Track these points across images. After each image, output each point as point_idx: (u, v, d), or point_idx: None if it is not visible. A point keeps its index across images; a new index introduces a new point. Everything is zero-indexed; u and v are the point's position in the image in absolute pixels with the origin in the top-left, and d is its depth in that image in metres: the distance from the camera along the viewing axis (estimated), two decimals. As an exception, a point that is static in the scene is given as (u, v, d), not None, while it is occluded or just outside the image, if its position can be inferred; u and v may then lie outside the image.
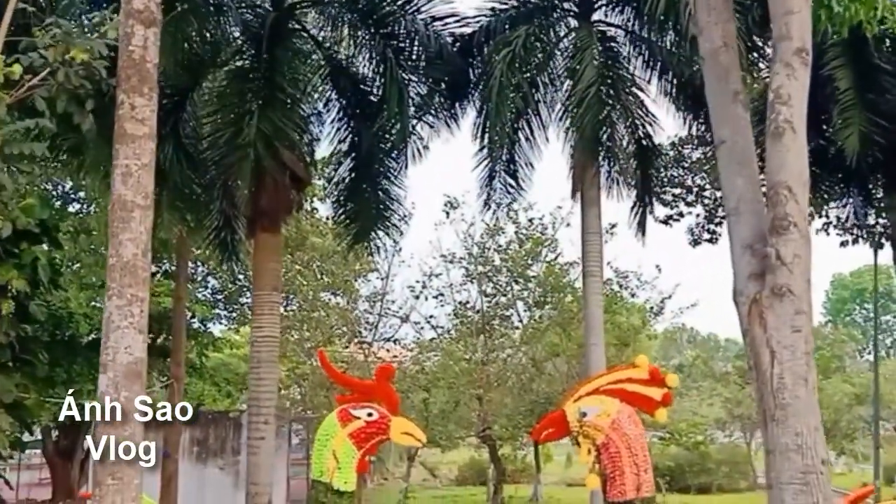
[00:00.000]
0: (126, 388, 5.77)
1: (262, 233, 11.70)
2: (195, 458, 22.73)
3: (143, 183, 5.91)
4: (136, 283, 5.83)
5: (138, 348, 5.84)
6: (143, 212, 5.91)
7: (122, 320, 5.78)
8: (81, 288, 21.30)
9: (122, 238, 5.82)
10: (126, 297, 5.80)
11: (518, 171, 12.77)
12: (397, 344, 20.78)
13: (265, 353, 11.61)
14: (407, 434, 7.91)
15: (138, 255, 5.85)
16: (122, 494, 5.71)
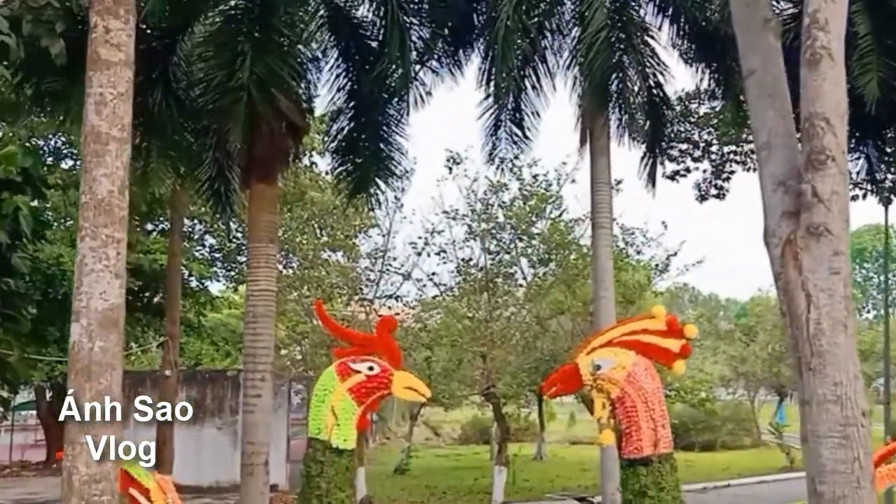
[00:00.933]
0: (101, 336, 5.30)
1: (257, 183, 11.16)
2: (192, 418, 22.41)
3: (118, 113, 5.38)
4: (112, 222, 5.33)
5: (114, 294, 5.35)
6: (119, 145, 5.39)
7: (96, 263, 5.29)
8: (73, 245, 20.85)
9: (96, 174, 5.31)
10: (100, 238, 5.30)
11: (524, 120, 12.18)
12: (399, 301, 20.32)
13: (261, 307, 11.13)
14: (410, 389, 7.46)
15: (114, 193, 5.35)
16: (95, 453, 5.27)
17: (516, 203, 20.41)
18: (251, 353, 11.26)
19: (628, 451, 6.62)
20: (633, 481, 6.61)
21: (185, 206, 17.14)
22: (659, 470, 6.58)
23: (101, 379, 5.31)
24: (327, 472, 7.25)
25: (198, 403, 22.59)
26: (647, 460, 6.56)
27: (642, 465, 6.58)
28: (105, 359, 5.31)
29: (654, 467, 6.58)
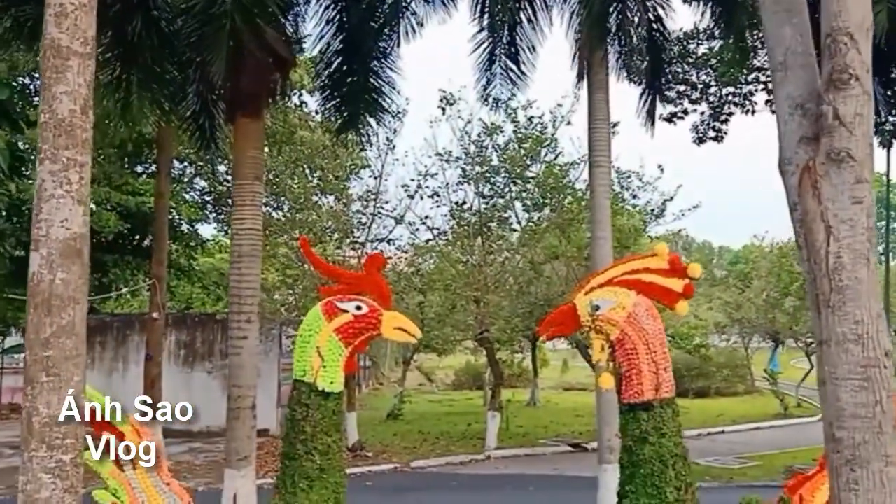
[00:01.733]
0: (63, 268, 4.87)
1: (242, 118, 10.64)
2: (181, 362, 22.27)
3: (80, 26, 4.90)
4: (74, 144, 4.88)
5: (77, 222, 4.91)
6: (82, 60, 4.91)
7: (57, 188, 4.84)
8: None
9: (56, 91, 4.84)
10: (61, 161, 4.85)
11: (520, 55, 11.64)
12: (391, 245, 19.94)
13: (247, 246, 10.71)
14: (400, 329, 7.09)
15: (76, 112, 4.88)
16: (58, 394, 4.89)
17: (511, 146, 19.94)
18: (236, 294, 10.87)
19: (628, 395, 6.30)
20: (633, 427, 6.30)
21: (172, 145, 16.64)
22: (660, 415, 6.27)
23: (62, 314, 4.90)
24: (313, 416, 6.92)
25: (187, 346, 22.43)
26: (648, 405, 6.25)
27: (643, 409, 6.26)
28: (67, 292, 4.90)
29: (656, 412, 6.27)
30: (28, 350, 5.00)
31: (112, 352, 22.95)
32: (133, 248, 25.43)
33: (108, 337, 23.07)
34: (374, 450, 19.61)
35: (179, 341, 22.59)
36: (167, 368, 20.48)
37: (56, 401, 4.95)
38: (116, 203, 21.75)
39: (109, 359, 23.02)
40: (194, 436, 21.00)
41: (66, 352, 4.97)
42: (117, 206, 21.83)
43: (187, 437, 20.50)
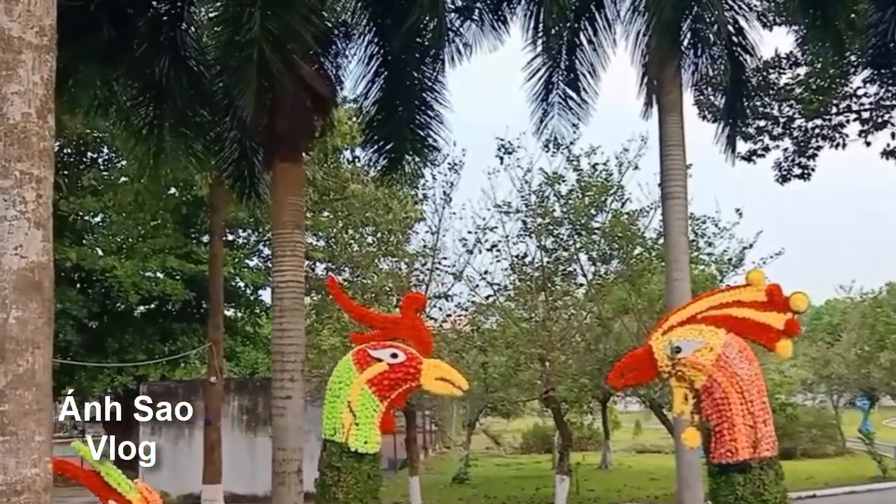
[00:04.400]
0: (18, 304, 3.89)
1: (280, 163, 9.83)
2: (244, 427, 21.42)
3: (35, 12, 4.01)
4: (28, 155, 3.94)
5: (35, 249, 3.95)
6: (38, 54, 4.01)
7: (10, 208, 3.89)
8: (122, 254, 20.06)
9: (7, 91, 3.93)
10: (13, 176, 3.91)
11: (579, 80, 10.54)
12: (450, 301, 18.77)
13: (288, 300, 9.77)
14: (442, 380, 5.95)
15: (31, 116, 3.96)
16: (15, 456, 3.87)
17: (574, 195, 18.72)
18: (279, 352, 9.91)
19: (719, 454, 5.00)
20: (726, 492, 4.98)
21: (225, 207, 16.03)
22: (760, 478, 4.95)
23: (19, 360, 3.92)
24: (345, 481, 5.81)
25: (249, 411, 21.59)
26: (744, 465, 4.94)
27: (738, 471, 4.95)
28: (24, 334, 3.92)
29: (754, 474, 4.96)
30: (-20, 404, 4.03)
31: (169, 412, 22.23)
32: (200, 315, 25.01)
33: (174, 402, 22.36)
34: (440, 516, 18.25)
35: (242, 406, 21.80)
36: (230, 433, 19.65)
37: (14, 465, 3.94)
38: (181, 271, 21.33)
39: (175, 425, 22.32)
40: (259, 501, 20.04)
41: (25, 406, 3.98)
42: (182, 274, 21.41)
43: (252, 502, 19.56)
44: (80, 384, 21.03)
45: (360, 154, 18.12)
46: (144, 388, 22.41)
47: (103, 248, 20.51)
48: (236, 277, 23.49)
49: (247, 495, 19.29)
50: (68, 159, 19.54)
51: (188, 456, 20.13)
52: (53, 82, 4.15)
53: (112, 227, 20.31)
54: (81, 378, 20.90)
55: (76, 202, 17.78)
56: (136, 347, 21.59)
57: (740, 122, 10.84)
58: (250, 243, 24.92)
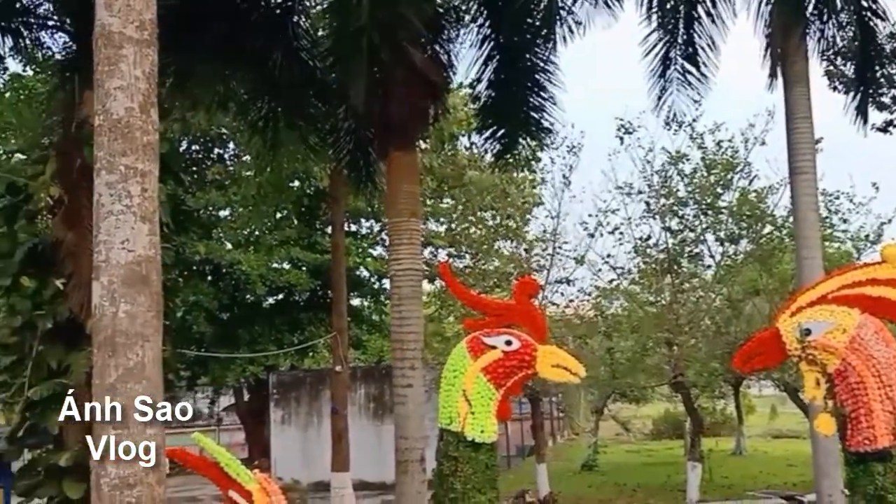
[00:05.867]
0: (127, 298, 3.89)
1: (394, 151, 9.69)
2: (371, 415, 21.68)
3: (135, 6, 3.99)
4: (133, 149, 3.93)
5: (142, 242, 3.93)
6: (139, 49, 3.98)
7: (116, 202, 3.89)
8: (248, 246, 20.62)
9: (109, 87, 3.93)
10: (118, 171, 3.90)
11: (698, 54, 9.94)
12: (572, 286, 18.35)
13: (406, 288, 9.66)
14: (559, 367, 5.66)
15: (134, 111, 3.94)
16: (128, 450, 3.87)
17: (698, 174, 17.90)
18: (398, 340, 9.82)
19: (856, 442, 4.56)
20: (864, 482, 4.54)
21: (344, 197, 16.20)
22: (902, 467, 4.49)
23: (129, 353, 3.91)
24: (463, 471, 5.61)
25: (376, 399, 21.84)
26: (883, 454, 4.51)
27: (877, 460, 4.53)
28: (134, 327, 3.91)
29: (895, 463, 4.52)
30: (94, 399, 4.05)
31: (306, 406, 22.83)
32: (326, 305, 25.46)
33: (302, 392, 23.02)
34: (568, 502, 17.95)
35: (368, 394, 22.09)
36: (357, 421, 19.94)
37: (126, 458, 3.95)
38: (306, 262, 21.75)
39: (304, 413, 22.93)
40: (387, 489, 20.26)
41: (136, 400, 3.97)
42: (307, 264, 21.82)
43: (381, 490, 19.82)
44: (214, 375, 21.76)
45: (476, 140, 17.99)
46: (274, 377, 23.07)
47: (231, 242, 21.12)
48: (360, 267, 23.75)
49: (375, 482, 19.53)
50: (195, 156, 20.20)
51: (317, 444, 20.61)
52: (156, 77, 4.12)
53: (238, 221, 20.87)
54: (214, 369, 21.65)
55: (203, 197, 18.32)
56: (265, 338, 22.12)
57: (873, 91, 9.94)
58: (372, 233, 25.17)
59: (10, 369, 8.90)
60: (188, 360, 19.40)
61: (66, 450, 8.35)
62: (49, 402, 8.40)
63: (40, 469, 8.61)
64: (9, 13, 8.69)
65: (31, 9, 9.05)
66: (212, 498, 18.23)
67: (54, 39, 9.72)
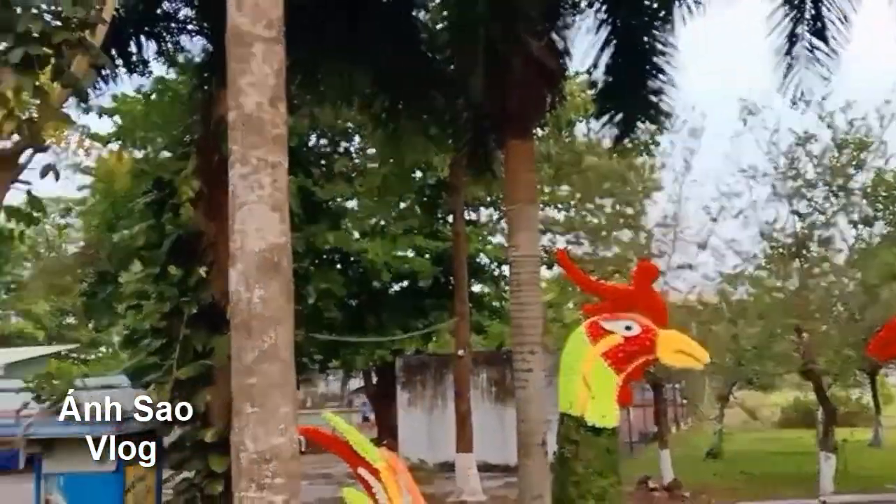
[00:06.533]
0: (261, 284, 4.03)
1: (511, 140, 9.65)
2: (494, 399, 21.77)
3: (262, 6, 4.13)
4: (264, 142, 4.06)
5: (274, 231, 4.06)
6: (267, 46, 4.11)
7: (249, 193, 4.04)
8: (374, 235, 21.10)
9: (242, 84, 4.07)
10: (251, 163, 4.05)
11: (827, 29, 9.40)
12: (695, 271, 17.78)
13: (525, 274, 9.62)
14: (681, 353, 5.50)
15: (263, 106, 4.07)
16: (265, 426, 4.03)
17: (828, 154, 16.97)
18: (518, 325, 9.80)
19: None
20: None
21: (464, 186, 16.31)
22: None
23: (263, 336, 4.05)
24: (584, 455, 5.53)
25: (498, 384, 21.91)
26: None
27: None
28: (267, 311, 4.05)
29: None
30: (233, 379, 4.23)
31: (431, 390, 23.17)
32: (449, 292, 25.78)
33: (427, 376, 23.37)
34: (692, 489, 17.46)
35: (490, 378, 22.20)
36: (480, 405, 20.09)
37: (263, 434, 4.08)
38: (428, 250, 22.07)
39: (429, 396, 23.27)
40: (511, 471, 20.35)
41: (271, 379, 4.11)
42: (429, 252, 22.15)
43: (504, 472, 19.91)
44: (344, 358, 22.44)
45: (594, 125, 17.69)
46: (400, 361, 23.51)
47: (357, 231, 21.69)
48: (480, 254, 23.88)
49: (499, 464, 19.60)
50: (323, 150, 20.85)
51: (442, 426, 20.85)
52: (283, 72, 4.24)
53: (364, 211, 21.40)
54: (345, 353, 22.30)
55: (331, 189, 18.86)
56: (392, 323, 22.61)
57: None
58: (492, 221, 25.26)
59: (160, 351, 9.44)
60: (320, 345, 20.09)
61: (211, 426, 8.79)
62: (195, 382, 8.86)
63: (188, 444, 9.07)
64: (151, 19, 9.19)
65: (172, 14, 9.52)
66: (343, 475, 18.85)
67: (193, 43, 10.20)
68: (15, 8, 3.72)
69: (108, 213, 21.06)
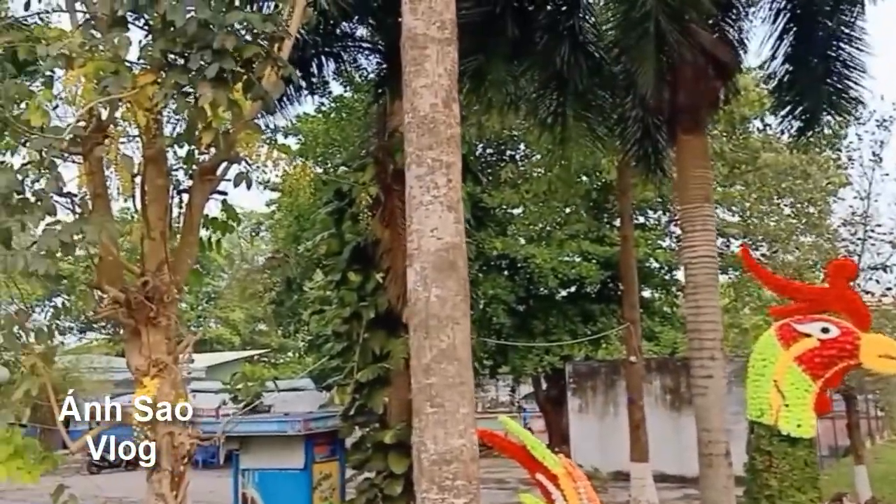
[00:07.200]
0: (437, 283, 4.00)
1: (683, 135, 9.20)
2: (668, 406, 20.91)
3: (436, 8, 4.09)
4: (438, 143, 4.03)
5: (449, 230, 4.02)
6: (441, 47, 4.09)
7: (425, 194, 4.02)
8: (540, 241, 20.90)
9: (416, 86, 4.07)
10: (426, 164, 4.03)
11: None
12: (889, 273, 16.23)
13: (702, 276, 9.12)
14: (888, 357, 4.98)
15: (437, 107, 4.04)
16: (444, 427, 3.96)
17: None
18: (695, 330, 9.29)
19: None
20: None
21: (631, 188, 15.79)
22: None
23: (441, 336, 4.01)
24: (778, 467, 5.14)
25: (672, 391, 21.03)
26: None
27: None
28: (444, 311, 4.01)
29: None
30: (412, 377, 4.22)
31: (602, 396, 22.62)
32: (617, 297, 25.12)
33: (598, 382, 22.84)
34: (894, 509, 15.93)
35: (664, 386, 21.33)
36: (653, 412, 19.31)
37: (443, 435, 4.05)
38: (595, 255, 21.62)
39: (601, 403, 22.72)
40: (688, 482, 19.47)
41: (449, 379, 4.06)
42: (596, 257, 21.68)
43: (681, 483, 19.07)
44: (513, 364, 22.35)
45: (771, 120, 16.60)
46: (570, 367, 23.12)
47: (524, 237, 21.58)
48: (649, 258, 23.13)
49: (674, 475, 18.78)
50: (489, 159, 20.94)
51: (614, 434, 20.24)
52: (456, 73, 4.21)
53: (530, 217, 21.30)
54: (514, 358, 22.21)
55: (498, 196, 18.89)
56: (560, 329, 22.28)
57: None
58: (661, 224, 24.40)
59: (341, 354, 9.74)
60: (490, 350, 20.09)
61: (390, 428, 8.94)
62: (374, 385, 9.05)
63: (369, 445, 9.28)
64: (331, 39, 9.53)
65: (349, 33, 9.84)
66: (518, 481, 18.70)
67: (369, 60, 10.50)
68: (212, 26, 3.89)
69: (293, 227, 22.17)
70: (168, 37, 3.95)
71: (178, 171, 5.16)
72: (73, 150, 4.35)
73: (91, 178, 4.55)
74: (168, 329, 4.95)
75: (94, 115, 4.27)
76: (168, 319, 4.92)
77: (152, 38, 4.16)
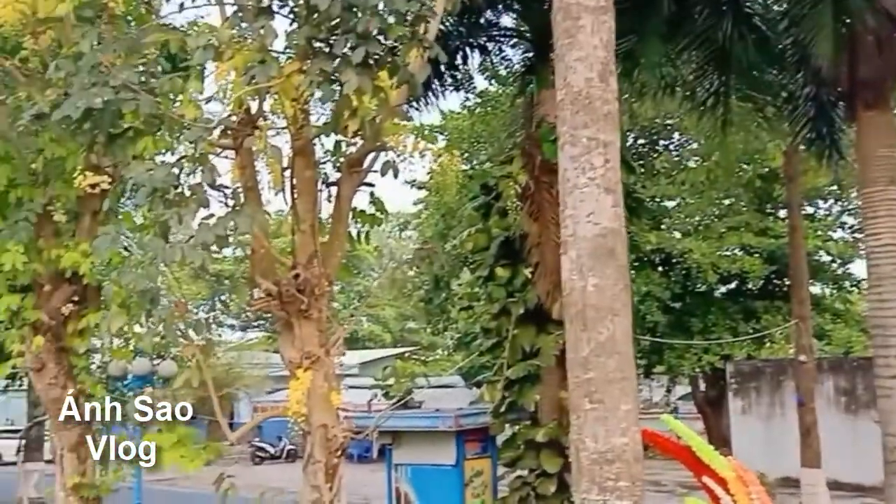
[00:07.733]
0: (595, 271, 3.71)
1: (864, 112, 8.39)
2: (843, 409, 19.46)
3: (590, -26, 3.82)
4: (594, 120, 3.74)
5: (606, 215, 3.72)
6: (595, 17, 3.79)
7: (580, 176, 3.74)
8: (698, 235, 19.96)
9: (569, 60, 3.79)
10: (581, 143, 3.75)
11: None
12: None
13: (886, 266, 8.31)
14: None
15: (593, 81, 3.75)
16: (604, 424, 3.68)
17: None
18: (879, 325, 8.49)
19: None
20: None
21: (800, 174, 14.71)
22: None
23: (599, 328, 3.72)
24: None
25: (847, 393, 19.58)
26: None
27: None
28: (602, 301, 3.72)
29: None
30: (569, 372, 3.96)
31: (767, 398, 21.41)
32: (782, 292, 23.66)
33: (763, 382, 21.64)
34: None
35: (838, 387, 19.89)
36: (825, 415, 18.03)
37: (603, 433, 3.77)
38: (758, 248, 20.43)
39: (766, 404, 21.52)
40: (866, 490, 18.07)
41: (608, 374, 3.78)
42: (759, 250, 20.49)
43: (858, 492, 17.74)
44: (669, 363, 21.50)
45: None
46: (731, 367, 21.97)
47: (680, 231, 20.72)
48: (819, 251, 21.62)
49: (850, 483, 17.46)
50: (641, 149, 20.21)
51: (781, 437, 19.06)
52: (613, 44, 3.91)
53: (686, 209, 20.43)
54: (669, 357, 21.34)
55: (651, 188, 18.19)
56: (719, 326, 21.26)
57: None
58: (832, 214, 22.76)
59: (490, 351, 9.58)
60: (644, 349, 19.42)
61: (542, 426, 8.69)
62: (524, 382, 8.83)
63: (520, 443, 9.08)
64: (476, 29, 9.38)
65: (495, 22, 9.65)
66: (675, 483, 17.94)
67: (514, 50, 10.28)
68: (355, 9, 3.81)
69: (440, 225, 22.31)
70: (313, 23, 3.90)
71: (326, 164, 5.18)
72: (225, 144, 4.41)
73: (243, 171, 4.62)
74: (320, 322, 4.96)
75: (244, 107, 4.32)
76: (319, 312, 4.93)
77: (297, 25, 4.14)
